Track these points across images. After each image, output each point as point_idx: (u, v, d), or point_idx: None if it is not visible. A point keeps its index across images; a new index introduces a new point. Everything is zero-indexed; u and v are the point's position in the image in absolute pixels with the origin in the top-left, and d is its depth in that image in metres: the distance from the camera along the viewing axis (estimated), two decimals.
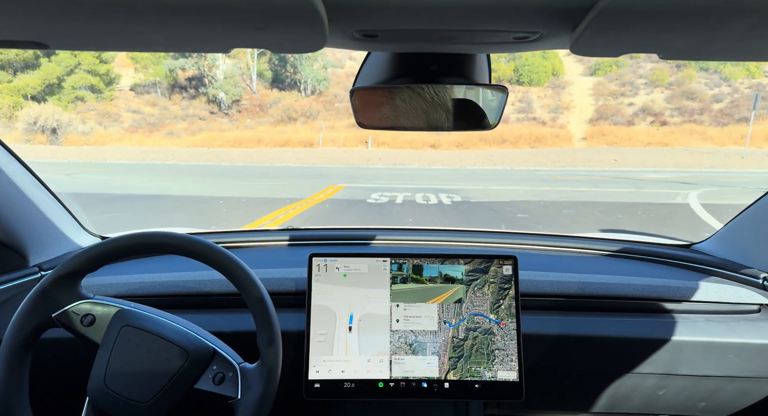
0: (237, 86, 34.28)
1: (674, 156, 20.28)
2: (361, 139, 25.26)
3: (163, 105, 34.15)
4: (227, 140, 25.09)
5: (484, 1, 0.47)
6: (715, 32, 0.49)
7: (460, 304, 1.03)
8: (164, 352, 0.85)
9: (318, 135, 25.68)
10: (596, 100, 31.46)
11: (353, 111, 0.83)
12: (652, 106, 29.37)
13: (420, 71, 0.76)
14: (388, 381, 1.00)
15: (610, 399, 1.20)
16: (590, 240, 1.50)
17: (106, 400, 0.83)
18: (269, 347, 0.85)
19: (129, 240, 0.87)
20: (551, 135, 25.26)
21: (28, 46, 0.56)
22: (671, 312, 1.17)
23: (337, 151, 23.22)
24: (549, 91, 33.53)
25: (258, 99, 35.65)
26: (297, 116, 31.29)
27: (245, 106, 34.97)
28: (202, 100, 34.60)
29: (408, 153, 21.64)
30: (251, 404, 0.83)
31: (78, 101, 31.38)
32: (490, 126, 0.84)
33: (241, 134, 26.34)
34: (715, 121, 26.56)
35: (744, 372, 1.11)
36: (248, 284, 0.86)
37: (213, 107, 34.43)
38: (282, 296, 1.13)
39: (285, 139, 25.08)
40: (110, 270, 1.21)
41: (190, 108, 34.07)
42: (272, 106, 34.06)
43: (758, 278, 1.22)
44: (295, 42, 0.54)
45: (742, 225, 1.33)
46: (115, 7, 0.45)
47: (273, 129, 28.97)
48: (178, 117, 32.55)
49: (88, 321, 0.87)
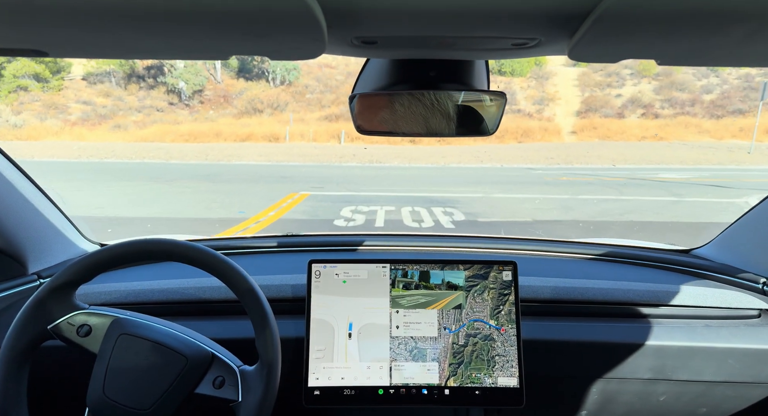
0: (199, 75, 31.61)
1: (673, 151, 18.71)
2: (334, 133, 22.93)
3: (117, 95, 31.31)
4: (181, 134, 22.33)
5: (482, 8, 0.47)
6: (712, 38, 0.49)
7: (459, 310, 1.03)
8: (163, 359, 0.84)
9: (286, 128, 23.19)
10: (582, 91, 30.14)
11: (353, 117, 0.83)
12: (641, 97, 28.20)
13: (419, 77, 0.76)
14: (388, 387, 1.00)
15: (611, 404, 1.19)
16: (590, 245, 1.49)
17: (107, 410, 0.83)
18: (268, 348, 0.85)
19: (122, 249, 0.87)
20: (539, 128, 23.48)
21: (27, 54, 0.56)
22: (672, 318, 1.17)
23: (306, 146, 20.85)
24: (532, 81, 32.06)
25: (223, 89, 33.20)
26: (263, 108, 28.74)
27: (208, 96, 32.45)
28: (161, 90, 31.92)
29: (385, 149, 19.45)
30: (252, 406, 0.83)
31: (20, 91, 28.42)
32: (489, 131, 0.84)
33: (198, 127, 23.57)
34: (708, 114, 25.36)
35: (744, 378, 1.11)
36: (238, 279, 0.86)
37: (173, 98, 31.72)
38: (281, 303, 1.13)
39: (247, 133, 22.50)
40: (109, 277, 1.22)
41: (147, 99, 31.40)
42: (238, 96, 31.60)
43: (758, 283, 1.21)
44: (294, 49, 0.54)
45: (741, 230, 1.33)
46: (115, 16, 0.45)
47: (236, 121, 26.36)
48: (133, 108, 29.87)
49: (84, 331, 0.87)
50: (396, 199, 8.40)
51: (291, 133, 22.86)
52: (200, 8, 0.43)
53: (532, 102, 29.30)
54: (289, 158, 17.04)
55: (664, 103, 27.69)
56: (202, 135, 22.28)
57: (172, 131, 22.78)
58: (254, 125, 24.41)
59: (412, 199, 8.49)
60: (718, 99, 27.14)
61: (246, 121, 26.33)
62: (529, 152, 19.01)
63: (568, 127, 25.14)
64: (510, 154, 18.60)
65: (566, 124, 25.53)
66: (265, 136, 22.31)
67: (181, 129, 23.33)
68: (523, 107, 28.57)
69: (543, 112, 28.02)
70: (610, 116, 25.79)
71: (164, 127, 23.61)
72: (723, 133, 22.17)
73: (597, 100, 28.24)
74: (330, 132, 23.15)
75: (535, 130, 23.33)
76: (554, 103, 29.21)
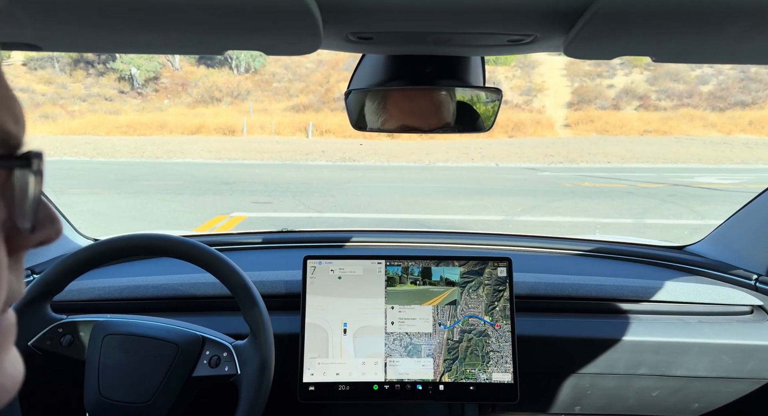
0: (153, 61, 28.45)
1: (685, 147, 16.60)
2: (300, 125, 20.05)
3: (60, 82, 27.92)
4: (119, 125, 19.04)
5: (478, 4, 0.47)
6: (708, 35, 0.49)
7: (454, 306, 1.03)
8: (153, 350, 0.84)
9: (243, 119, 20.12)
10: (572, 81, 28.09)
11: (348, 113, 0.83)
12: (634, 88, 26.34)
13: (414, 73, 0.76)
14: (382, 383, 1.00)
15: (604, 400, 1.20)
16: (585, 242, 1.48)
17: (107, 410, 0.83)
18: (257, 318, 0.85)
19: (95, 249, 0.86)
20: (531, 121, 21.15)
21: (20, 47, 0.55)
22: (665, 314, 1.18)
23: (267, 140, 17.93)
24: (518, 71, 29.92)
25: (181, 77, 30.01)
26: (222, 96, 25.63)
27: (165, 84, 29.34)
28: (112, 77, 28.55)
29: (358, 143, 16.70)
30: (253, 376, 0.83)
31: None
32: (485, 128, 0.84)
33: (140, 118, 20.25)
34: (710, 106, 23.51)
35: (737, 373, 1.11)
36: (214, 259, 0.86)
37: (124, 86, 28.50)
38: (275, 299, 1.12)
39: (197, 125, 19.40)
40: (98, 274, 1.19)
41: (95, 86, 28.16)
42: (197, 84, 28.63)
43: (750, 279, 1.22)
44: (289, 44, 0.55)
45: (734, 227, 1.34)
46: (110, 10, 0.45)
47: (189, 111, 23.18)
48: (77, 97, 26.48)
49: (67, 341, 0.86)
50: (375, 228, 5.78)
51: (250, 125, 19.83)
52: (196, 3, 0.43)
53: (519, 92, 27.22)
54: (244, 155, 14.27)
55: (660, 94, 25.87)
56: (143, 127, 19.02)
57: (109, 122, 19.44)
58: (209, 115, 21.28)
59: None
60: (716, 90, 25.45)
61: (201, 110, 23.17)
62: (523, 148, 16.64)
63: (560, 120, 22.99)
64: (502, 150, 16.18)
65: (558, 117, 23.39)
66: (219, 128, 19.22)
67: (120, 120, 19.99)
68: (509, 98, 26.40)
69: (531, 103, 25.91)
70: (605, 108, 23.73)
71: (100, 118, 20.23)
72: (730, 127, 20.28)
73: (589, 90, 26.30)
74: (296, 124, 20.25)
75: (527, 123, 21.00)
76: (542, 93, 27.22)
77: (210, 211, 6.34)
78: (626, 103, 25.03)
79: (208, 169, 11.13)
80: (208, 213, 6.27)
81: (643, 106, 24.56)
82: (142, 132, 18.82)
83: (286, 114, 22.40)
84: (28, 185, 0.26)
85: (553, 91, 27.11)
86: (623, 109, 24.33)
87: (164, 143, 16.38)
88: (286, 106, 24.69)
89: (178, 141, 17.08)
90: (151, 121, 19.72)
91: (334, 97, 25.38)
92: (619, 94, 26.13)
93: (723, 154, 15.05)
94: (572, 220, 6.20)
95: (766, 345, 1.08)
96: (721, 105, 23.50)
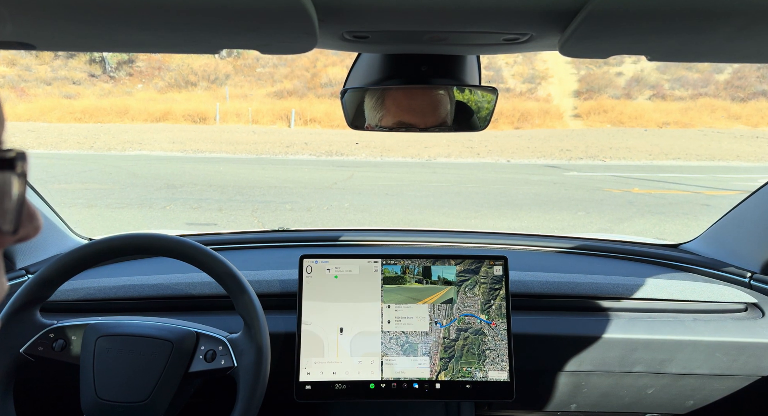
0: None
1: (716, 142, 14.80)
2: (281, 113, 17.91)
3: (24, 64, 25.40)
4: (73, 111, 16.74)
5: (474, 3, 0.47)
6: (703, 34, 0.50)
7: (451, 305, 1.03)
8: (148, 349, 0.84)
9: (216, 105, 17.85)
10: (577, 69, 26.29)
11: (344, 112, 0.83)
12: (646, 77, 24.63)
13: (410, 72, 0.76)
14: (379, 382, 0.99)
15: (600, 397, 1.19)
16: (580, 240, 1.48)
17: (105, 412, 0.82)
18: (248, 307, 0.85)
19: (89, 249, 0.86)
20: (539, 111, 19.25)
21: (14, 46, 0.55)
22: (660, 312, 1.17)
23: (243, 130, 15.79)
24: (519, 57, 27.92)
25: (158, 60, 27.69)
26: (197, 80, 23.38)
27: (140, 68, 27.06)
28: (82, 60, 26.29)
29: (347, 135, 14.62)
30: (250, 367, 0.83)
31: None
32: (480, 127, 0.85)
33: (99, 103, 17.96)
34: (730, 96, 21.79)
35: (731, 371, 1.11)
36: (201, 254, 0.86)
37: (95, 69, 26.27)
38: (271, 298, 1.11)
39: (164, 111, 17.15)
40: (96, 273, 1.18)
41: (63, 69, 25.81)
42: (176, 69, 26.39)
43: (744, 277, 1.22)
44: (285, 43, 0.54)
45: (729, 225, 1.33)
46: (105, 9, 0.45)
47: (159, 96, 20.93)
48: (42, 80, 24.14)
49: (60, 346, 0.85)
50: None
51: (225, 112, 17.62)
52: (191, 2, 0.43)
53: (522, 80, 25.38)
54: (213, 147, 12.21)
55: (674, 83, 24.15)
56: (102, 113, 16.74)
57: (63, 107, 17.14)
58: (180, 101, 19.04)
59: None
60: (733, 79, 23.78)
61: (172, 95, 20.92)
62: (534, 141, 14.74)
63: (569, 110, 21.14)
64: (511, 143, 14.26)
65: (566, 106, 21.55)
66: (188, 115, 17.01)
67: (75, 104, 17.67)
68: (512, 86, 24.50)
69: (536, 91, 24.08)
70: (618, 98, 21.92)
71: (53, 102, 17.91)
72: (757, 119, 18.56)
73: (597, 78, 24.54)
74: (277, 111, 18.10)
75: (534, 113, 19.09)
76: (546, 81, 25.40)
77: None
78: (638, 92, 23.28)
79: (160, 166, 9.10)
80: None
81: (657, 95, 22.83)
82: (99, 118, 16.55)
83: (266, 100, 20.24)
84: (11, 187, 0.25)
85: (558, 79, 25.39)
86: (636, 99, 22.54)
87: (121, 132, 14.21)
88: (268, 91, 22.60)
89: (138, 129, 14.90)
90: (111, 106, 17.42)
91: (321, 82, 23.25)
92: (630, 82, 24.39)
93: (762, 150, 13.27)
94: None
95: (759, 342, 1.08)
96: (742, 95, 21.81)
